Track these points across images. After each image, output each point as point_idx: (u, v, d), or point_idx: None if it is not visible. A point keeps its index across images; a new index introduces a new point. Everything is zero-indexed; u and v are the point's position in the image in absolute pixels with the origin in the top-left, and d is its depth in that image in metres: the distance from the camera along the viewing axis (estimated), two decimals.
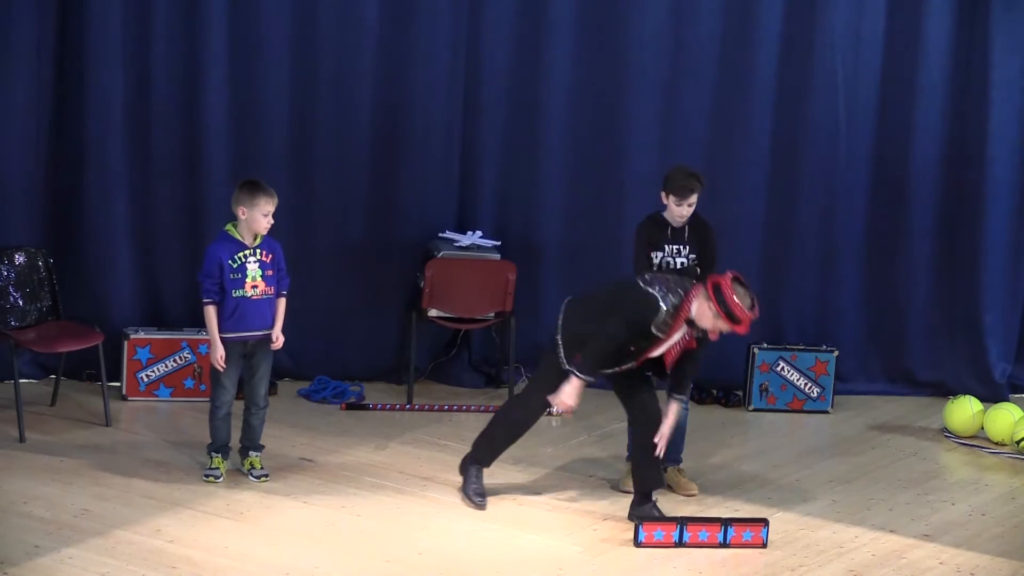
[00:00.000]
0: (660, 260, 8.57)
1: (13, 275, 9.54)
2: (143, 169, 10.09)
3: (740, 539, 8.05)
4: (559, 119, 10.43)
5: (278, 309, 8.56)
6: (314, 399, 10.16)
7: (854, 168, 10.64)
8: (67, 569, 7.34)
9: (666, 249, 8.57)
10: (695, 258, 8.59)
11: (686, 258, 8.59)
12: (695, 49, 10.41)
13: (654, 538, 8.00)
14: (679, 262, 8.58)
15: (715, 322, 7.88)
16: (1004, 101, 10.52)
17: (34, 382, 10.03)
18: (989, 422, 9.96)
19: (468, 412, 10.05)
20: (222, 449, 8.63)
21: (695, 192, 8.47)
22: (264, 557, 7.61)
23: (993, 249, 10.67)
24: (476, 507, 8.33)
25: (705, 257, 8.61)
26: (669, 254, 8.58)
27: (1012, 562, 8.04)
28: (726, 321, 7.84)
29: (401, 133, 10.32)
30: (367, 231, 10.38)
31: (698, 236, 8.60)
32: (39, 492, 8.26)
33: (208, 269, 8.39)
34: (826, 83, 10.49)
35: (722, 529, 8.05)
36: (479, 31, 10.33)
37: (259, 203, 8.36)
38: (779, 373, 10.42)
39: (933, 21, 10.48)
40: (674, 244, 8.58)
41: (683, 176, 8.48)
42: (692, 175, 8.49)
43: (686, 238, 8.59)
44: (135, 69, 9.97)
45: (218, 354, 8.41)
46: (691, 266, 8.58)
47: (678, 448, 8.86)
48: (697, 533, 8.04)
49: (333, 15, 10.13)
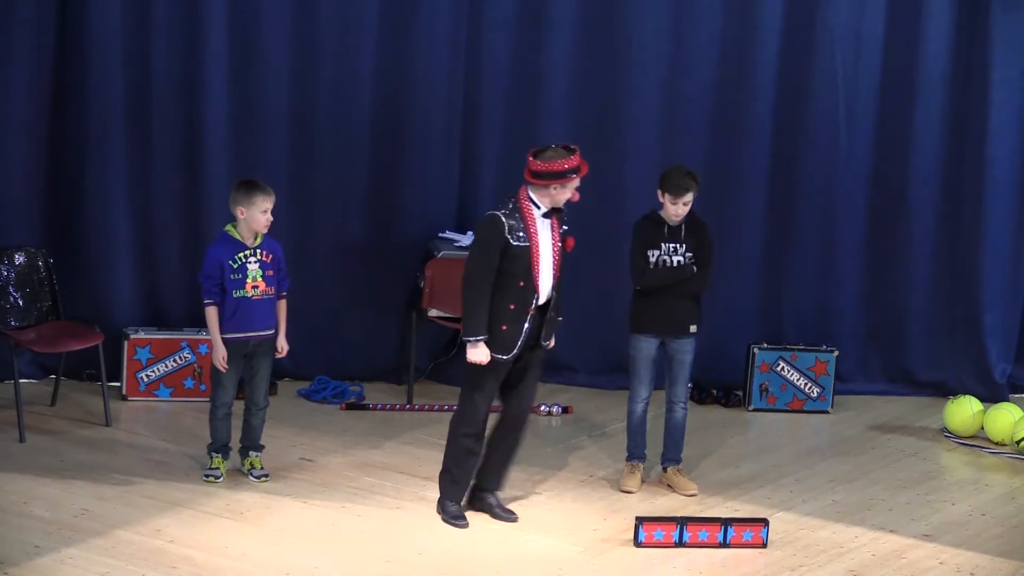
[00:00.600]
0: (656, 258, 8.61)
1: (13, 275, 9.54)
2: (143, 169, 10.09)
3: (740, 539, 8.05)
4: (559, 119, 10.42)
5: (280, 313, 8.57)
6: (314, 399, 10.16)
7: (854, 168, 10.63)
8: (67, 569, 7.35)
9: (662, 247, 8.62)
10: (691, 256, 8.61)
11: (682, 256, 8.62)
12: (695, 49, 10.41)
13: (654, 538, 8.00)
14: (675, 260, 8.61)
15: (553, 191, 7.93)
16: (1004, 101, 10.52)
17: (34, 382, 10.03)
18: (989, 422, 9.96)
19: None
20: (222, 449, 8.63)
21: (690, 191, 8.51)
22: (264, 557, 7.61)
23: (993, 249, 10.66)
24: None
25: (701, 255, 8.64)
26: (665, 252, 8.62)
27: (1012, 562, 8.04)
28: (557, 180, 7.90)
29: (401, 133, 10.32)
30: (367, 231, 10.38)
31: (695, 235, 8.64)
32: (39, 492, 8.26)
33: (208, 270, 8.39)
34: (826, 83, 10.49)
35: (722, 529, 8.05)
36: (479, 31, 10.32)
37: (257, 201, 8.36)
38: (779, 373, 10.41)
39: (933, 21, 10.47)
40: (670, 242, 8.62)
41: (679, 175, 8.53)
42: (688, 174, 8.53)
43: (682, 237, 8.63)
44: (135, 69, 9.97)
45: (220, 355, 8.41)
46: (687, 264, 8.60)
47: (678, 448, 8.88)
48: (697, 533, 8.04)
49: (333, 15, 10.13)
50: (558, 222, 8.08)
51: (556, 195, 7.98)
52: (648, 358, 8.70)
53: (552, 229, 8.05)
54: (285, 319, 8.60)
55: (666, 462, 8.89)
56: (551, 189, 7.95)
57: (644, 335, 8.68)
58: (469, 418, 8.15)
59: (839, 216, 10.68)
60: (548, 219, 8.03)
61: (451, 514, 8.24)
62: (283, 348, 8.61)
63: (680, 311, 8.65)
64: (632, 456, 8.88)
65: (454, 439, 8.20)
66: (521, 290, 7.99)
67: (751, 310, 10.68)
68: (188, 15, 9.96)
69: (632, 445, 8.87)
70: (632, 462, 8.88)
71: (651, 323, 8.66)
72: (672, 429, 8.85)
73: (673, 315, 8.65)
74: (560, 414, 10.13)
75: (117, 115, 9.97)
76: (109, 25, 9.85)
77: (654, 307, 8.64)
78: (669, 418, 8.84)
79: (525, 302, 8.01)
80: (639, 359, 8.70)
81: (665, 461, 8.91)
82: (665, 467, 8.89)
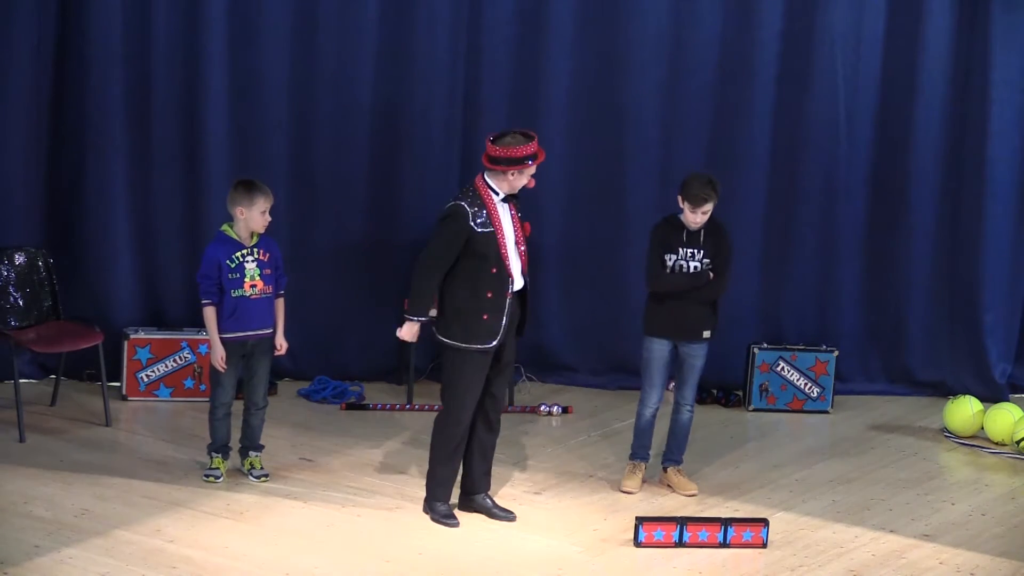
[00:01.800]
0: (673, 263, 8.56)
1: (13, 275, 9.54)
2: (143, 169, 10.09)
3: (740, 539, 8.05)
4: (559, 119, 10.42)
5: (277, 311, 8.57)
6: (314, 399, 10.16)
7: (854, 167, 10.63)
8: (67, 569, 7.35)
9: (680, 252, 8.56)
10: (709, 262, 8.56)
11: (700, 262, 8.56)
12: (695, 49, 10.41)
13: (654, 538, 8.00)
14: (692, 265, 8.56)
15: (511, 177, 7.95)
16: (1004, 101, 10.51)
17: (34, 382, 10.03)
18: (989, 422, 9.95)
19: None
20: (222, 449, 8.63)
21: (709, 201, 8.44)
22: (264, 557, 7.61)
23: (993, 249, 10.66)
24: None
25: (719, 261, 8.58)
26: (683, 257, 8.56)
27: (1012, 562, 8.04)
28: (515, 167, 7.92)
29: (401, 133, 10.32)
30: (367, 231, 10.38)
31: (713, 240, 8.57)
32: (39, 492, 8.26)
33: (206, 270, 8.39)
34: (826, 83, 10.49)
35: (722, 529, 8.05)
36: (479, 31, 10.32)
37: (257, 202, 8.37)
38: (779, 373, 10.41)
39: (933, 21, 10.47)
40: (689, 247, 8.55)
41: (698, 185, 8.44)
42: (708, 183, 8.44)
43: (701, 242, 8.56)
44: (135, 69, 9.97)
45: (219, 355, 8.41)
46: (703, 271, 8.56)
47: (681, 449, 8.86)
48: (697, 533, 8.04)
49: (333, 15, 10.14)
50: (515, 206, 8.10)
51: (513, 181, 7.98)
52: (661, 360, 8.64)
53: (511, 215, 8.07)
54: (283, 317, 8.60)
55: (667, 462, 8.88)
56: (508, 175, 7.96)
57: (657, 338, 8.62)
58: (455, 416, 8.13)
59: (839, 216, 10.68)
60: (506, 204, 8.05)
61: (441, 513, 8.23)
62: (282, 346, 8.61)
63: (694, 315, 8.59)
64: (635, 455, 8.86)
65: (439, 438, 8.18)
66: (495, 276, 7.99)
67: (751, 310, 10.67)
68: (188, 15, 9.96)
69: (636, 445, 8.84)
70: (634, 461, 8.85)
71: (665, 326, 8.60)
72: (677, 430, 8.83)
73: (687, 319, 8.59)
74: (560, 414, 10.12)
75: (117, 115, 9.98)
76: (109, 25, 9.86)
77: (668, 311, 8.57)
78: (675, 419, 8.81)
79: (502, 288, 8.01)
80: (652, 361, 8.65)
81: (666, 461, 8.89)
82: (666, 467, 8.88)
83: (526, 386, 10.55)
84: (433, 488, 8.25)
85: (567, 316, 10.70)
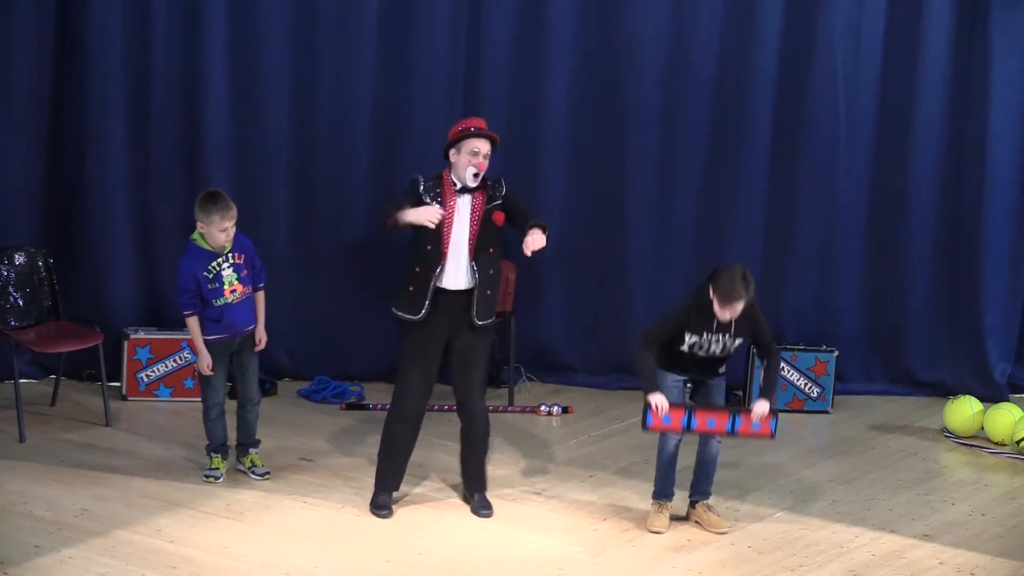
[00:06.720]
0: (695, 343, 8.06)
1: (13, 275, 9.54)
2: (143, 169, 10.10)
3: (748, 429, 7.93)
4: (559, 119, 10.42)
5: (258, 304, 8.54)
6: (314, 399, 10.16)
7: (854, 168, 10.63)
8: (67, 569, 7.35)
9: (704, 336, 8.05)
10: (739, 344, 8.07)
11: (724, 343, 8.06)
12: (695, 49, 10.41)
13: (662, 423, 7.89)
14: (714, 349, 8.08)
15: (453, 157, 8.04)
16: (1004, 101, 10.51)
17: (34, 382, 10.04)
18: (989, 422, 9.96)
19: None
20: (220, 449, 8.63)
21: (741, 301, 7.86)
22: (264, 557, 7.61)
23: (993, 249, 10.66)
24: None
25: (761, 343, 8.17)
26: (707, 340, 8.06)
27: (1012, 562, 8.04)
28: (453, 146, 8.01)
29: (401, 133, 10.32)
30: (367, 231, 10.38)
31: (746, 323, 8.04)
32: (39, 492, 8.26)
33: (184, 283, 8.35)
34: (826, 82, 10.49)
35: (730, 418, 7.96)
36: (479, 31, 10.32)
37: (214, 219, 8.26)
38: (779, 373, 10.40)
39: (933, 21, 10.47)
40: (717, 333, 8.05)
41: (730, 284, 7.83)
42: (742, 280, 7.83)
43: (732, 329, 8.05)
44: (135, 69, 9.97)
45: (205, 362, 8.41)
46: (723, 354, 8.09)
47: (709, 481, 8.35)
48: (705, 420, 7.92)
49: (333, 15, 10.14)
50: (483, 199, 8.07)
51: (457, 162, 8.02)
52: (677, 390, 8.17)
53: (472, 208, 8.06)
54: (263, 310, 8.56)
55: (695, 495, 8.34)
56: (451, 156, 8.04)
57: (673, 373, 8.17)
58: (396, 403, 8.16)
59: (839, 216, 10.67)
60: (468, 195, 8.05)
61: (375, 504, 8.24)
62: (261, 340, 8.57)
63: (712, 362, 8.17)
64: (660, 495, 8.30)
65: (385, 427, 8.24)
66: (428, 254, 8.02)
67: None
68: (188, 15, 9.96)
69: (660, 483, 8.28)
70: (660, 501, 8.30)
71: (683, 369, 8.18)
72: (705, 463, 8.30)
73: (705, 365, 8.18)
74: (560, 414, 10.12)
75: (117, 114, 9.98)
76: (109, 24, 9.86)
77: (687, 359, 8.13)
78: (703, 451, 8.30)
79: (429, 265, 8.03)
80: (668, 392, 8.05)
81: (694, 494, 8.34)
82: (694, 502, 8.34)
83: (526, 386, 10.56)
84: (376, 476, 8.30)
85: (567, 316, 10.70)
